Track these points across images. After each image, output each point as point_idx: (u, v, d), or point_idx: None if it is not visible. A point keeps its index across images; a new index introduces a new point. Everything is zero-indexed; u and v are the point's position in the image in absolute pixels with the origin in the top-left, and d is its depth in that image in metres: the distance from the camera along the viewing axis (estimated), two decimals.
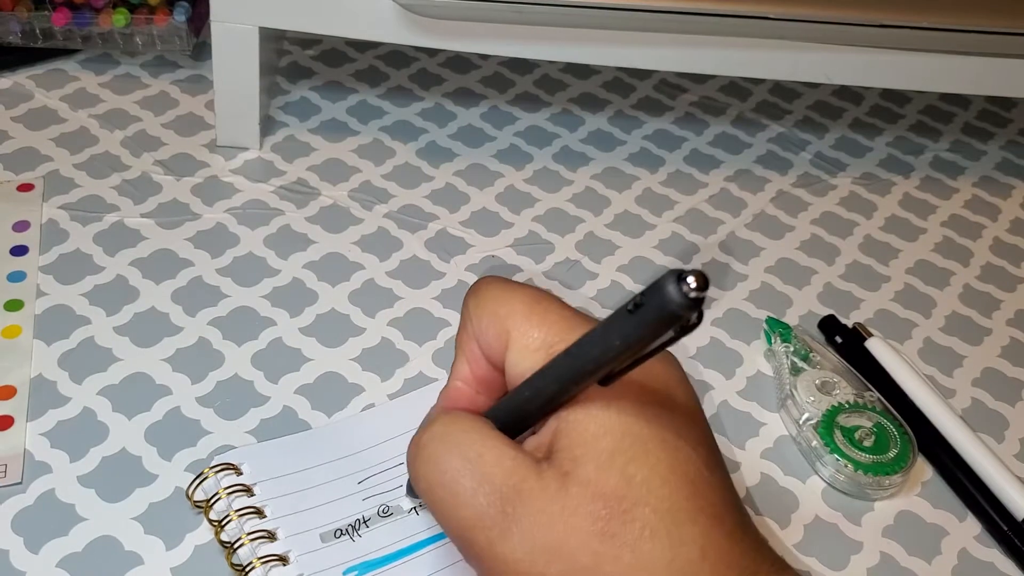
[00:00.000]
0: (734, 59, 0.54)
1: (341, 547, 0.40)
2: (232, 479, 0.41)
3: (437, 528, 0.39)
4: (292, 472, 0.42)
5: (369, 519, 0.41)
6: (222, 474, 0.41)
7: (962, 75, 0.55)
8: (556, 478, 0.30)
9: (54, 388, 0.45)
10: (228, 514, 0.40)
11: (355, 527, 0.40)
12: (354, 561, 0.39)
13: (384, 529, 0.40)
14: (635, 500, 0.29)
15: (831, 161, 0.65)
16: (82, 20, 0.61)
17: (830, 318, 0.53)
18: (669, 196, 0.60)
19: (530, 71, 0.69)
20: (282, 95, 0.64)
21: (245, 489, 0.41)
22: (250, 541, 0.39)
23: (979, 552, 0.44)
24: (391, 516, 0.41)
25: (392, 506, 0.41)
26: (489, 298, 0.34)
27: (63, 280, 0.50)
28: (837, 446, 0.45)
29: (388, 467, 0.43)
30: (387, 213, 0.56)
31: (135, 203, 0.54)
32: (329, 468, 0.42)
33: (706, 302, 0.26)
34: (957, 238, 0.60)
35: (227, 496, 0.40)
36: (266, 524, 0.40)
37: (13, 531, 0.39)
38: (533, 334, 0.32)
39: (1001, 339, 0.54)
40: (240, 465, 0.41)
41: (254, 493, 0.41)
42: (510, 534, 0.29)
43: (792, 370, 0.48)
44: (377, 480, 0.42)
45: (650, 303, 0.26)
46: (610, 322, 0.28)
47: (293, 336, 0.49)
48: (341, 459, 0.43)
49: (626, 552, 0.29)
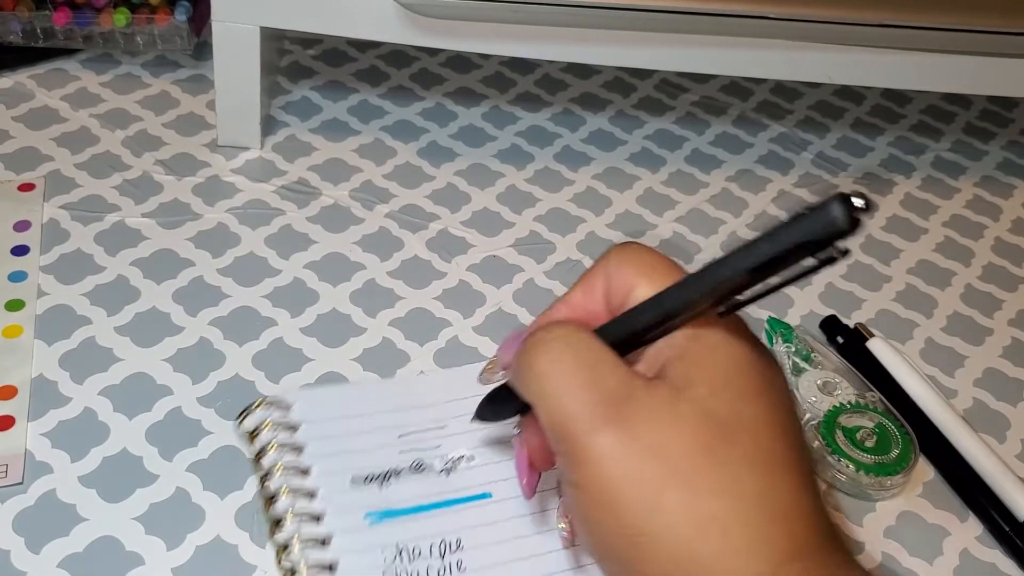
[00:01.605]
0: (735, 59, 0.54)
1: (368, 492, 0.41)
2: (280, 415, 0.43)
3: (463, 491, 0.42)
4: (337, 417, 0.44)
5: (401, 472, 0.42)
6: (272, 408, 0.43)
7: (963, 75, 0.55)
8: (668, 391, 0.31)
9: (55, 388, 0.45)
10: (270, 443, 0.42)
11: (386, 476, 0.42)
12: (377, 507, 0.41)
13: (413, 483, 0.42)
14: (740, 429, 0.30)
15: (832, 161, 0.65)
16: (83, 20, 0.61)
17: (831, 318, 0.53)
18: (670, 196, 0.60)
19: (531, 71, 0.68)
20: (283, 95, 0.64)
21: (290, 426, 0.43)
22: (283, 473, 0.41)
23: (981, 553, 0.44)
24: (422, 472, 0.43)
25: (426, 464, 0.43)
26: (636, 250, 0.35)
27: (64, 280, 0.50)
28: (839, 447, 0.45)
29: (430, 428, 0.44)
30: (388, 213, 0.56)
31: (136, 203, 0.54)
32: (373, 419, 0.44)
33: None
34: (959, 238, 0.60)
35: (272, 429, 0.43)
36: (302, 460, 0.42)
37: (14, 531, 0.39)
38: (666, 283, 0.33)
39: (1003, 339, 0.54)
40: (291, 404, 0.44)
41: (297, 431, 0.43)
42: (608, 430, 0.30)
43: (794, 370, 0.48)
44: (417, 438, 0.44)
45: (812, 217, 0.26)
46: (756, 239, 0.28)
47: (294, 336, 0.49)
48: (386, 412, 0.45)
49: (724, 470, 0.29)
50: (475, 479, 0.43)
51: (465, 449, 0.44)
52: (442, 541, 0.40)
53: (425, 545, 0.40)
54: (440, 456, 0.43)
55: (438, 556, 0.40)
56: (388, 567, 0.39)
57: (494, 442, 0.44)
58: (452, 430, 0.44)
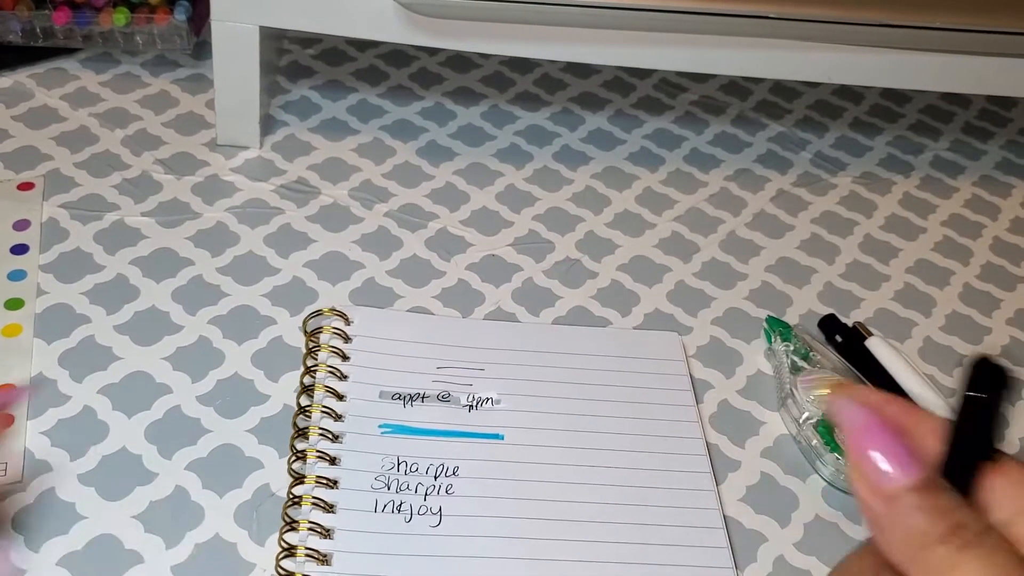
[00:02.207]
0: (734, 58, 0.54)
1: (391, 407, 0.45)
2: (340, 324, 0.48)
3: (478, 428, 0.45)
4: (389, 338, 0.48)
5: (428, 397, 0.46)
6: (334, 317, 0.48)
7: (962, 74, 0.55)
8: None
9: (54, 387, 0.45)
10: (323, 345, 0.46)
11: (412, 397, 0.45)
12: (393, 421, 0.44)
13: (435, 409, 0.45)
14: None
15: (831, 160, 0.65)
16: (83, 19, 0.61)
17: (830, 317, 0.53)
18: (669, 195, 0.60)
19: (530, 70, 0.69)
20: (282, 94, 0.64)
21: (344, 336, 0.47)
22: (326, 371, 0.45)
23: None
24: (447, 402, 0.46)
25: (453, 396, 0.46)
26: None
27: (63, 279, 0.50)
28: (837, 445, 0.45)
29: (470, 367, 0.47)
30: (387, 212, 0.56)
31: (135, 202, 0.54)
32: (421, 347, 0.48)
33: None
34: (957, 237, 0.60)
35: (331, 332, 0.47)
36: (344, 366, 0.46)
37: (14, 529, 0.39)
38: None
39: (1001, 338, 0.54)
40: (352, 318, 0.48)
41: (350, 340, 0.47)
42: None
43: (792, 369, 0.48)
44: (454, 373, 0.47)
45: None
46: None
47: (294, 335, 0.49)
48: (434, 344, 0.48)
49: None
50: (493, 420, 0.45)
51: (494, 393, 0.46)
52: (441, 464, 0.43)
53: (424, 464, 0.43)
54: (468, 393, 0.46)
55: (432, 476, 0.43)
56: (383, 473, 0.42)
57: (521, 395, 0.46)
58: (488, 374, 0.47)
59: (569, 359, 0.48)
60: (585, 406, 0.47)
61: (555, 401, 0.47)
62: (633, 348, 0.50)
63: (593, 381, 0.48)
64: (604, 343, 0.50)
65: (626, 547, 0.41)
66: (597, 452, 0.45)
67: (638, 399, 0.47)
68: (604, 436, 0.45)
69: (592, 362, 0.48)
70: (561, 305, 0.52)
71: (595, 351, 0.49)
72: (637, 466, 0.44)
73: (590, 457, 0.44)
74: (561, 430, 0.45)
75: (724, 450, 0.46)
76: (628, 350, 0.49)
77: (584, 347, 0.49)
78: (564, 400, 0.47)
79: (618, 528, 0.42)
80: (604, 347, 0.49)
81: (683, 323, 0.52)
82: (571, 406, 0.46)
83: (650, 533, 0.42)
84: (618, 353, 0.49)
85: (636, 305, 0.53)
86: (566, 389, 0.47)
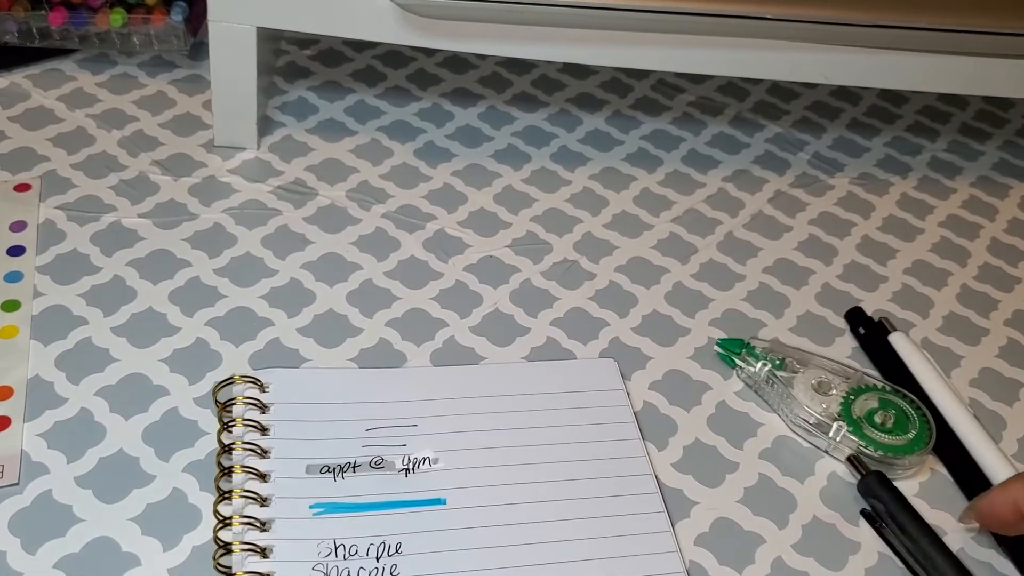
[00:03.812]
0: (732, 59, 0.54)
1: (320, 483, 0.41)
2: (255, 392, 0.44)
3: (417, 494, 0.41)
4: (309, 403, 0.44)
5: (359, 466, 0.42)
6: (247, 385, 0.44)
7: (959, 75, 0.55)
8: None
9: (51, 389, 0.45)
10: (235, 420, 0.43)
11: (343, 468, 0.42)
12: (324, 499, 0.41)
13: (369, 479, 0.42)
14: None
15: (829, 161, 0.65)
16: (79, 20, 0.61)
17: (856, 309, 0.53)
18: (667, 196, 0.60)
19: (528, 71, 0.69)
20: (280, 95, 0.64)
21: (260, 405, 0.43)
22: (242, 448, 0.41)
23: (976, 552, 0.44)
24: (381, 469, 0.42)
25: (387, 460, 0.42)
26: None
27: (60, 280, 0.50)
28: (869, 437, 0.46)
29: (401, 424, 0.44)
30: (385, 213, 0.56)
31: (132, 203, 0.54)
32: (345, 409, 0.44)
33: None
34: (955, 238, 0.60)
35: (244, 404, 0.43)
36: (263, 441, 0.42)
37: (10, 532, 0.39)
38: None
39: (999, 339, 0.54)
40: (267, 384, 0.44)
41: (267, 411, 0.43)
42: None
43: (783, 382, 0.48)
44: (385, 433, 0.43)
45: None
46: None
47: (291, 336, 0.48)
48: (360, 404, 0.45)
49: None
50: (433, 483, 0.42)
51: (430, 451, 0.43)
52: (382, 543, 0.40)
53: (363, 545, 0.40)
54: (403, 455, 0.43)
55: (373, 558, 0.39)
56: (320, 561, 0.39)
57: (460, 449, 0.44)
58: (421, 430, 0.44)
59: (503, 402, 0.46)
60: (526, 453, 0.44)
61: (495, 452, 0.44)
62: (569, 381, 0.47)
63: (531, 424, 0.45)
64: (538, 379, 0.47)
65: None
66: (545, 505, 0.42)
67: (580, 438, 0.45)
68: (550, 485, 0.43)
69: (528, 402, 0.46)
70: (559, 307, 0.52)
71: (530, 389, 0.47)
72: (589, 514, 0.42)
73: (539, 511, 0.42)
74: (505, 484, 0.42)
75: (722, 452, 0.46)
76: (563, 384, 0.47)
77: (518, 386, 0.47)
78: (504, 450, 0.44)
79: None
80: (539, 384, 0.47)
81: (681, 324, 0.52)
82: (512, 455, 0.44)
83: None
84: (553, 389, 0.47)
85: (634, 307, 0.53)
86: (504, 436, 0.45)
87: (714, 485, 0.45)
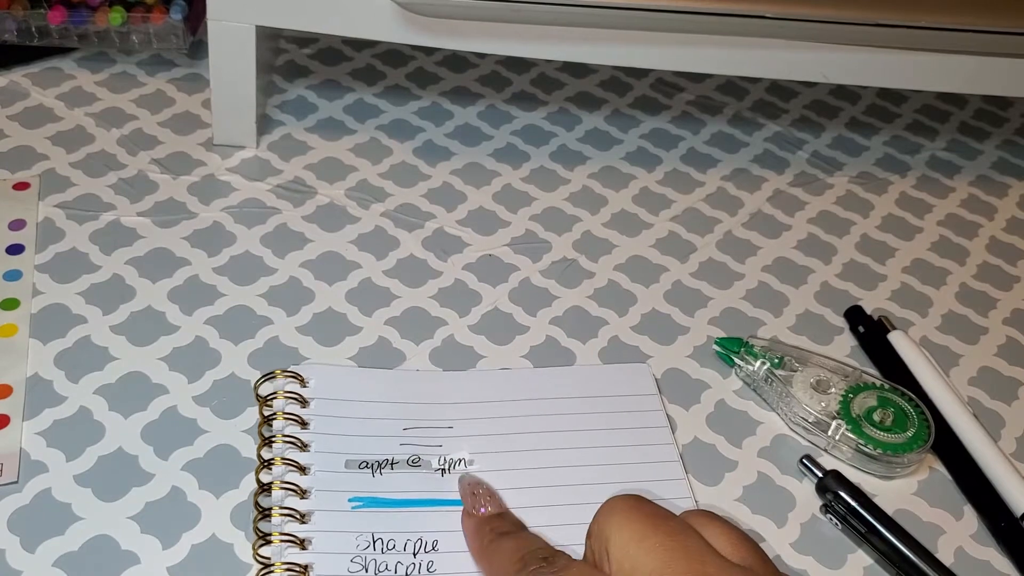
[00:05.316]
0: (731, 58, 0.54)
1: (359, 477, 0.42)
2: (295, 387, 0.45)
3: (454, 493, 0.42)
4: (349, 400, 0.45)
5: (397, 463, 0.43)
6: (287, 380, 0.45)
7: (959, 74, 0.55)
8: None
9: (50, 387, 0.45)
10: (279, 412, 0.43)
11: (381, 465, 0.43)
12: (364, 494, 0.41)
13: (406, 477, 0.42)
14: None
15: (828, 160, 0.65)
16: (78, 18, 0.61)
17: (855, 308, 0.53)
18: (666, 195, 0.60)
19: (527, 70, 0.69)
20: (279, 94, 0.64)
21: (301, 400, 0.44)
22: (282, 441, 0.42)
23: (975, 551, 0.44)
24: (418, 468, 0.43)
25: (424, 459, 0.43)
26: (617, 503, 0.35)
27: (59, 279, 0.50)
28: (868, 435, 0.45)
29: (436, 426, 0.44)
30: (384, 212, 0.56)
31: (131, 202, 0.54)
32: (383, 407, 0.45)
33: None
34: (953, 237, 0.60)
35: (285, 399, 0.44)
36: (304, 434, 0.43)
37: (9, 530, 0.39)
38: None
39: (997, 338, 0.54)
40: (308, 379, 0.45)
41: (308, 405, 0.44)
42: None
43: (782, 381, 0.48)
44: (422, 433, 0.44)
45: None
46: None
47: (290, 335, 0.49)
48: (398, 403, 0.45)
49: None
50: None
51: (466, 452, 0.44)
52: (419, 539, 0.40)
53: (400, 540, 0.40)
54: (439, 455, 0.43)
55: (411, 553, 0.40)
56: (359, 553, 0.39)
57: (496, 451, 0.44)
58: (457, 432, 0.44)
59: (539, 405, 0.46)
60: (560, 457, 0.44)
61: (530, 455, 0.44)
62: (602, 386, 0.47)
63: (565, 427, 0.45)
64: (572, 383, 0.48)
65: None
66: (578, 508, 0.41)
67: (613, 442, 0.45)
68: (583, 488, 0.43)
69: (563, 406, 0.46)
70: (558, 305, 0.52)
71: (563, 394, 0.47)
72: None
73: (572, 515, 0.41)
74: (539, 487, 0.43)
75: (721, 450, 0.46)
76: (597, 389, 0.47)
77: (552, 390, 0.47)
78: (539, 453, 0.44)
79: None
80: (572, 388, 0.47)
81: (680, 323, 0.52)
82: (547, 458, 0.44)
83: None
84: (588, 394, 0.47)
85: (633, 305, 0.53)
86: (539, 440, 0.45)
87: (713, 483, 0.45)
